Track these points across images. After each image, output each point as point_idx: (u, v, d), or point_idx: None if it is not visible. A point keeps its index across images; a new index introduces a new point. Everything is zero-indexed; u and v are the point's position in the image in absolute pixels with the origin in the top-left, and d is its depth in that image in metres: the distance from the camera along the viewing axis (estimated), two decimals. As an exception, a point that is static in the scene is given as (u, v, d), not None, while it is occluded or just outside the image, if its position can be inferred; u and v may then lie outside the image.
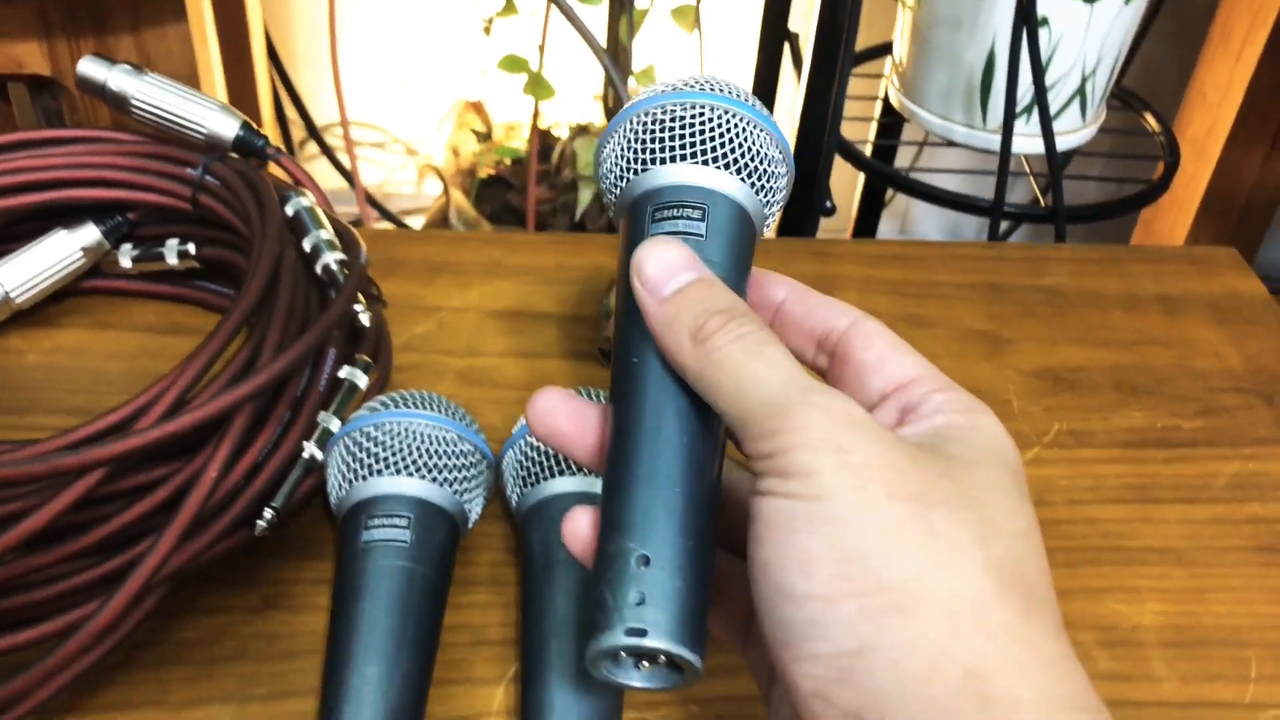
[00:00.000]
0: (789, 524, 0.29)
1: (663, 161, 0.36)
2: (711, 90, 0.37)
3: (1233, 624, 0.49)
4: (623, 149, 0.37)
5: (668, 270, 0.33)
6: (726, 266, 0.35)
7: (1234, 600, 0.50)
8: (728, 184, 0.36)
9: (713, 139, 0.35)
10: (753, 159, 0.36)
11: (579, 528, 0.33)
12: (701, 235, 0.35)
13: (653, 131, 0.36)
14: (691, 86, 0.37)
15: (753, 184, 0.36)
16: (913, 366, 0.33)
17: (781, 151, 0.37)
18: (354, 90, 1.41)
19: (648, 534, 0.32)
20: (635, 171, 0.36)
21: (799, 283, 0.36)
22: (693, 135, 0.36)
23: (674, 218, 0.35)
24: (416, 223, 1.29)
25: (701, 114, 0.36)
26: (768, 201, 0.37)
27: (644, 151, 0.36)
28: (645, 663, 0.32)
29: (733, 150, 0.36)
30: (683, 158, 0.36)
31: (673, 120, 0.36)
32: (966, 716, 0.27)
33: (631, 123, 0.37)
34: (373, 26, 1.36)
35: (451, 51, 1.29)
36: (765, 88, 1.20)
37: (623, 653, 0.32)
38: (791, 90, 1.06)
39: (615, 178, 0.37)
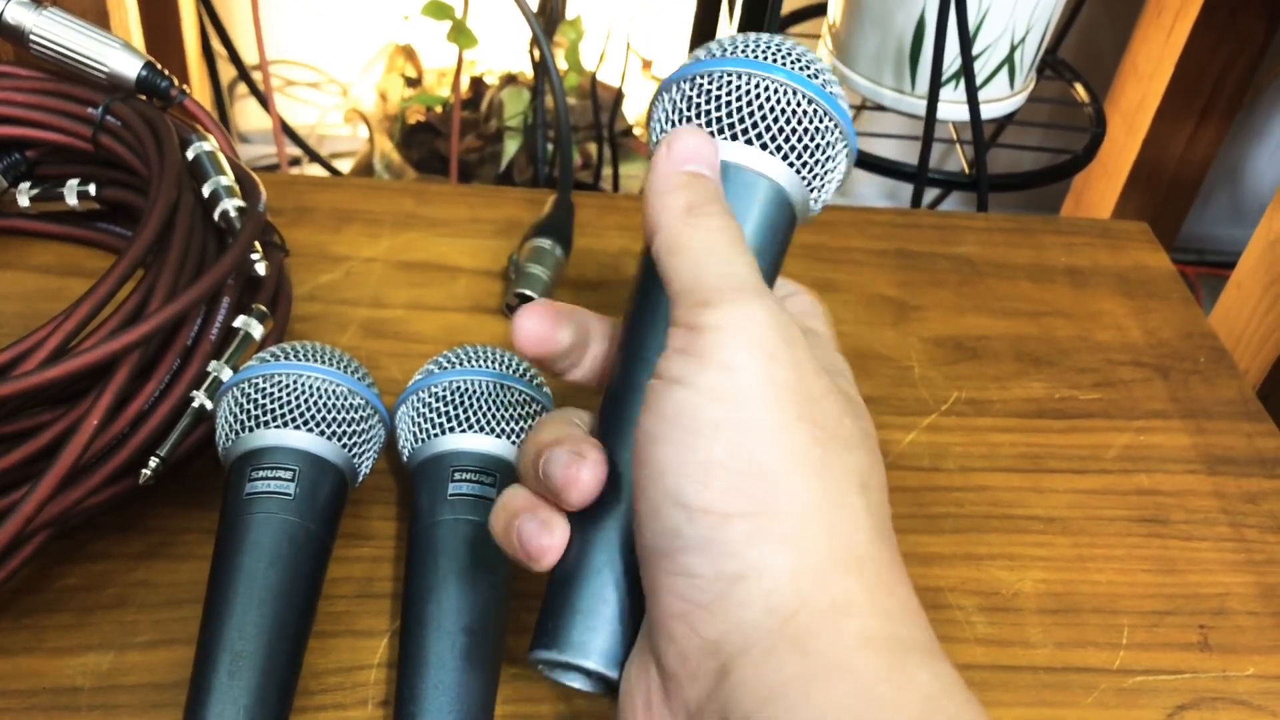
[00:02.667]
0: (691, 423, 0.28)
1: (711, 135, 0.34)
2: (770, 57, 0.34)
3: (1110, 592, 0.50)
4: (663, 119, 0.35)
5: (696, 155, 0.33)
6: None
7: (1113, 569, 0.51)
8: (767, 165, 0.34)
9: (753, 115, 0.34)
10: (799, 140, 0.34)
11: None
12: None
13: (697, 104, 0.34)
14: (749, 52, 0.34)
15: (797, 167, 0.34)
16: None
17: (839, 129, 0.35)
18: (288, 29, 1.38)
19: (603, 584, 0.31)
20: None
21: None
22: (733, 110, 0.34)
23: None
24: (349, 166, 1.27)
25: (748, 89, 0.34)
26: (816, 185, 0.35)
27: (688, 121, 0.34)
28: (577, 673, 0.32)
29: (778, 130, 0.34)
30: (723, 134, 0.34)
31: (720, 90, 0.34)
32: (819, 645, 0.27)
33: (675, 90, 0.35)
34: (309, -36, 1.33)
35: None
36: (701, 44, 1.19)
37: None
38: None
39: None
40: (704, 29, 1.16)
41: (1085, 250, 0.71)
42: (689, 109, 0.35)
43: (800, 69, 0.34)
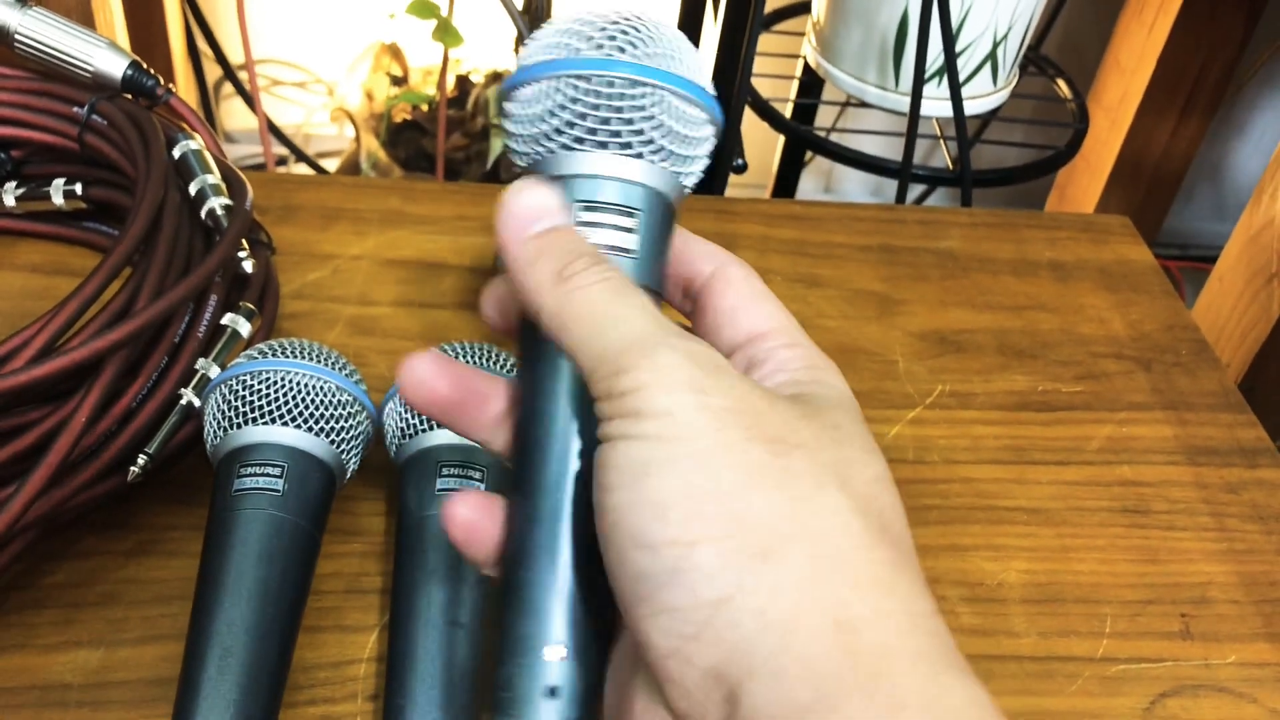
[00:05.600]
0: (641, 468, 0.27)
1: (566, 147, 0.31)
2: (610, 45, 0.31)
3: (1093, 582, 0.51)
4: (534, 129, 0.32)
5: (535, 211, 0.30)
6: (646, 253, 0.32)
7: (1096, 560, 0.52)
8: (625, 170, 0.31)
9: (619, 123, 0.30)
10: (660, 138, 0.31)
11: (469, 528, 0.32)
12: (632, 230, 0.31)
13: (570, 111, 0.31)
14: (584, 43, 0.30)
15: (655, 161, 0.31)
16: (766, 319, 0.32)
17: (697, 111, 0.32)
18: (275, 28, 1.38)
19: (569, 631, 0.30)
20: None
21: (680, 228, 0.34)
22: (602, 122, 0.30)
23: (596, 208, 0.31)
24: (335, 165, 1.27)
25: (607, 92, 0.30)
26: (684, 171, 0.32)
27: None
28: None
29: (624, 128, 0.31)
30: (569, 149, 0.31)
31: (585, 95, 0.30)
32: (835, 672, 0.25)
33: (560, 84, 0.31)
34: (293, -37, 1.33)
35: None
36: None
37: None
38: (714, 43, 1.06)
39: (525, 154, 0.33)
40: (688, 27, 1.16)
41: (1068, 244, 0.71)
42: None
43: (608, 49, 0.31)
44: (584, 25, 0.32)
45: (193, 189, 0.52)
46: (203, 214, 0.51)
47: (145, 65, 0.56)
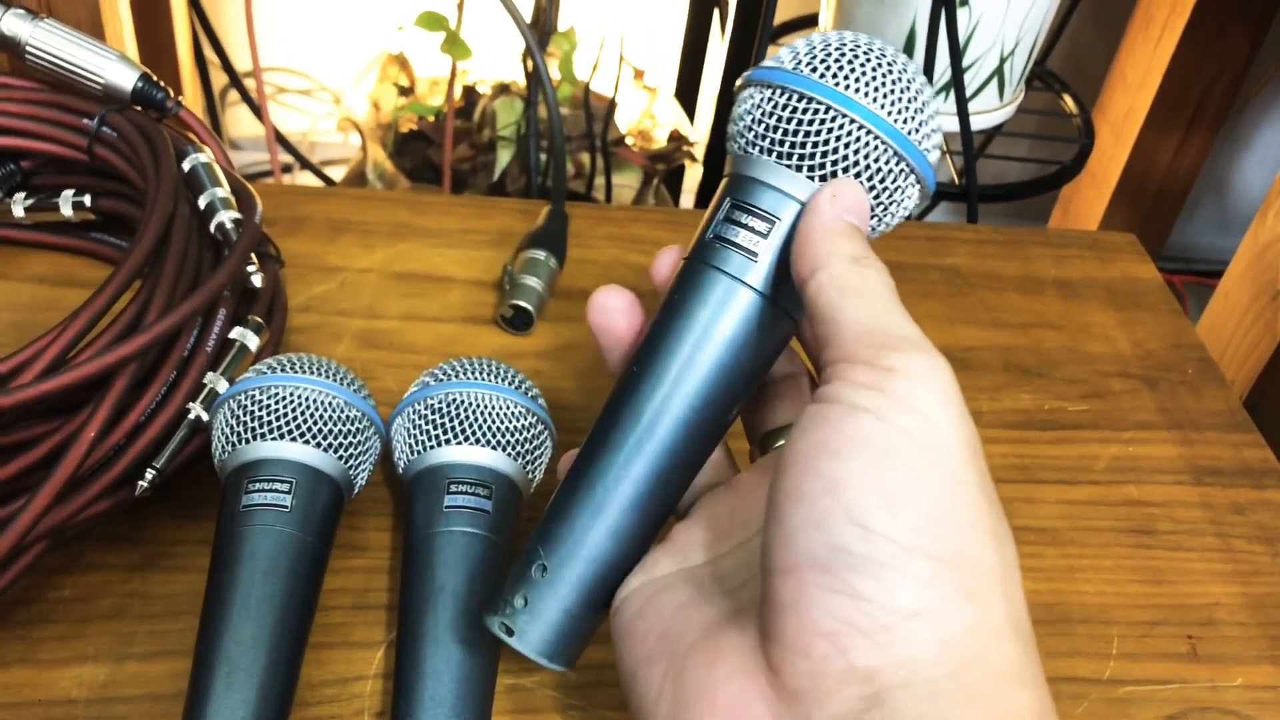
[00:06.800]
0: (885, 454, 0.28)
1: (764, 152, 0.35)
2: (862, 89, 0.34)
3: (1099, 602, 0.51)
4: (748, 121, 0.36)
5: (858, 209, 0.33)
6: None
7: (1102, 580, 0.52)
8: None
9: (818, 150, 0.34)
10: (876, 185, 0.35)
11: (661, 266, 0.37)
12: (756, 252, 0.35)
13: (781, 127, 0.34)
14: (846, 76, 0.34)
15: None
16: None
17: (906, 164, 0.35)
18: (280, 36, 1.38)
19: (559, 549, 0.35)
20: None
21: None
22: (798, 142, 0.34)
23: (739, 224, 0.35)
24: (341, 173, 1.28)
25: (815, 119, 0.34)
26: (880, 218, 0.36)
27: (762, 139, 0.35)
28: None
29: (829, 163, 0.34)
30: (787, 162, 0.35)
31: (783, 116, 0.34)
32: (993, 705, 0.27)
33: (766, 92, 0.35)
34: (300, -28, 1.33)
35: (377, 0, 1.27)
36: (693, 55, 1.20)
37: None
38: (720, 58, 1.06)
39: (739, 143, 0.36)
40: (695, 40, 1.16)
41: (1074, 262, 0.71)
42: (772, 128, 0.35)
43: (891, 109, 0.34)
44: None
45: (202, 202, 0.52)
46: (212, 227, 0.51)
47: (155, 78, 0.56)
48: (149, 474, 0.44)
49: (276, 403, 0.44)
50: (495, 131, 0.94)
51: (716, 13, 1.13)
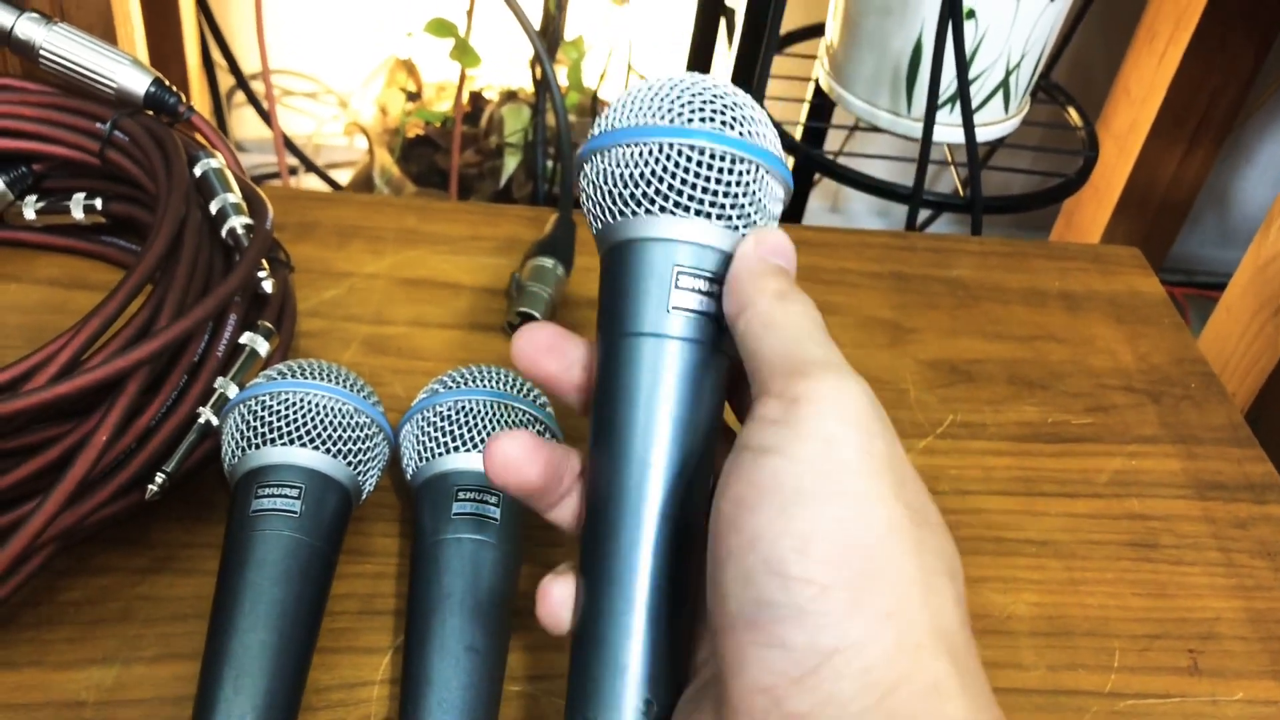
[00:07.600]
0: (793, 493, 0.28)
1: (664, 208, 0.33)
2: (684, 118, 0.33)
3: (1101, 615, 0.51)
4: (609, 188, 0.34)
5: (783, 251, 0.33)
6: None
7: (1104, 593, 0.52)
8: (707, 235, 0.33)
9: (724, 195, 0.33)
10: (746, 208, 0.34)
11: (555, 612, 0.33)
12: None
13: (639, 175, 0.33)
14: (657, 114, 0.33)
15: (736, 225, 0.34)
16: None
17: (775, 175, 0.34)
18: (287, 39, 1.38)
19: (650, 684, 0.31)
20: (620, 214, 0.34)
21: None
22: (691, 187, 0.33)
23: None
24: (347, 176, 1.28)
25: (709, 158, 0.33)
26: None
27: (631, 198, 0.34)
28: None
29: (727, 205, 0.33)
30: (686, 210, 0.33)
31: (658, 165, 0.33)
32: None
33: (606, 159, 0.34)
34: (308, -25, 1.34)
35: (385, 5, 1.27)
36: (699, 63, 1.20)
37: None
38: (726, 67, 1.06)
39: (598, 219, 0.35)
40: (702, 49, 1.16)
41: (1078, 275, 0.72)
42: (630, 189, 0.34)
43: (720, 123, 0.33)
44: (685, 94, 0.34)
45: (213, 207, 0.52)
46: (223, 233, 0.51)
47: (168, 83, 0.56)
48: (159, 477, 0.45)
49: (286, 408, 0.44)
50: (502, 138, 0.94)
51: (723, 21, 1.13)
